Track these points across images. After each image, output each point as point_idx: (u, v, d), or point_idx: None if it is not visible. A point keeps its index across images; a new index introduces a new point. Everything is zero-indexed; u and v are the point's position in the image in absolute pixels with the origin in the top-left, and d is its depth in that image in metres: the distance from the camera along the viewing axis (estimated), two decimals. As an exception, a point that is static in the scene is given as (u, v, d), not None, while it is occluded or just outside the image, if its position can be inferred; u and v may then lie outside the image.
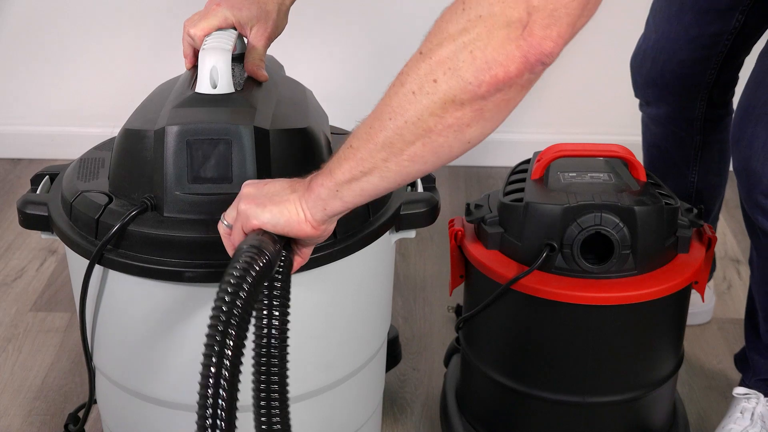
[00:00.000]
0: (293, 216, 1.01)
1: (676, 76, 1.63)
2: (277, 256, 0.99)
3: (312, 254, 1.15)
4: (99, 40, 2.44)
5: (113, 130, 1.99)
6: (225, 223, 1.06)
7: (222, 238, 1.07)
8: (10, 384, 1.72)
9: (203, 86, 1.22)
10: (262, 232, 1.00)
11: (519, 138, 2.46)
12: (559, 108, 2.47)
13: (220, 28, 1.27)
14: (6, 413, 1.65)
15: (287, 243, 1.04)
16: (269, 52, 1.41)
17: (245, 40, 1.32)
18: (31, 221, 1.26)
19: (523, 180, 1.37)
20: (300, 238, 1.04)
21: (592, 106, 2.42)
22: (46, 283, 2.01)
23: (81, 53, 2.45)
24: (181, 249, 1.14)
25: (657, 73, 1.65)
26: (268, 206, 1.01)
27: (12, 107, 2.54)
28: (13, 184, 2.43)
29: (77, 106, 2.52)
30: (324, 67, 2.41)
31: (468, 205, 1.37)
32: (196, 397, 0.89)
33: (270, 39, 1.31)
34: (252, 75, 1.28)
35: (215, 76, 1.22)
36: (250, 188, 1.04)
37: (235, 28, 1.29)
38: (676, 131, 1.70)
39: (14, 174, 2.48)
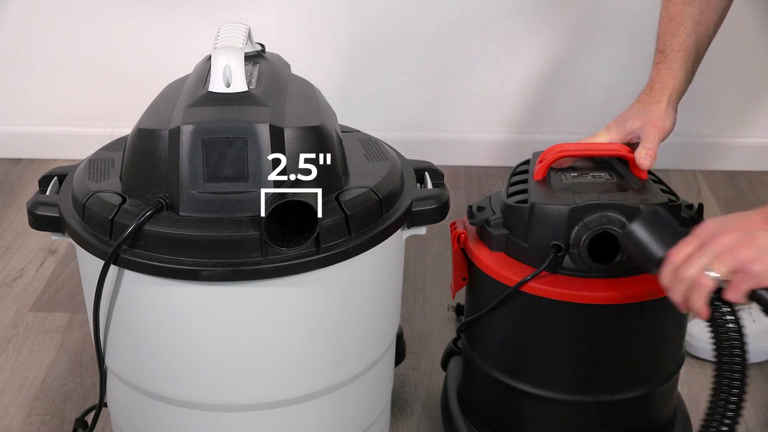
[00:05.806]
0: None
1: None
2: None
3: (327, 252, 1.16)
4: (99, 41, 2.44)
5: (113, 130, 1.99)
6: (714, 275, 1.04)
7: (700, 287, 1.05)
8: (10, 384, 1.71)
9: (217, 85, 1.22)
10: None
11: (519, 138, 2.46)
12: (559, 108, 2.47)
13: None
14: (6, 413, 1.64)
15: None
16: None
17: None
18: (41, 222, 1.26)
19: (525, 181, 1.37)
20: None
21: (592, 105, 2.42)
22: (46, 283, 2.01)
23: (81, 53, 2.45)
24: (198, 248, 1.15)
25: None
26: None
27: (12, 107, 2.54)
28: (13, 184, 2.43)
29: (77, 106, 2.51)
30: (326, 66, 2.40)
31: (470, 207, 1.37)
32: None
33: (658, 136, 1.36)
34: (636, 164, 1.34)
35: (228, 74, 1.22)
36: (745, 247, 1.03)
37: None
38: None
39: (14, 174, 2.48)
